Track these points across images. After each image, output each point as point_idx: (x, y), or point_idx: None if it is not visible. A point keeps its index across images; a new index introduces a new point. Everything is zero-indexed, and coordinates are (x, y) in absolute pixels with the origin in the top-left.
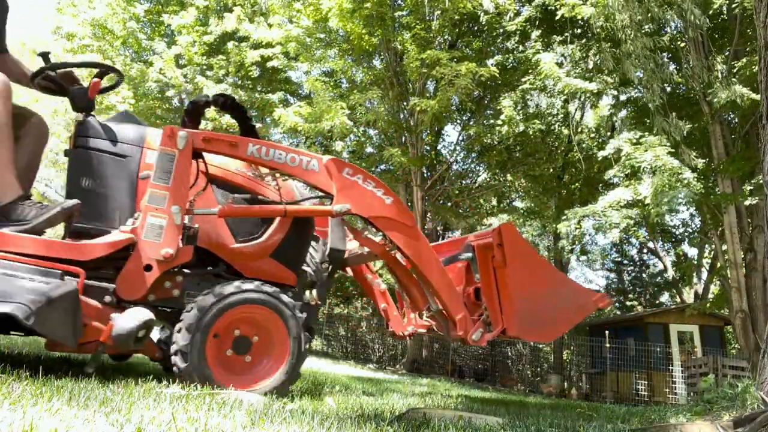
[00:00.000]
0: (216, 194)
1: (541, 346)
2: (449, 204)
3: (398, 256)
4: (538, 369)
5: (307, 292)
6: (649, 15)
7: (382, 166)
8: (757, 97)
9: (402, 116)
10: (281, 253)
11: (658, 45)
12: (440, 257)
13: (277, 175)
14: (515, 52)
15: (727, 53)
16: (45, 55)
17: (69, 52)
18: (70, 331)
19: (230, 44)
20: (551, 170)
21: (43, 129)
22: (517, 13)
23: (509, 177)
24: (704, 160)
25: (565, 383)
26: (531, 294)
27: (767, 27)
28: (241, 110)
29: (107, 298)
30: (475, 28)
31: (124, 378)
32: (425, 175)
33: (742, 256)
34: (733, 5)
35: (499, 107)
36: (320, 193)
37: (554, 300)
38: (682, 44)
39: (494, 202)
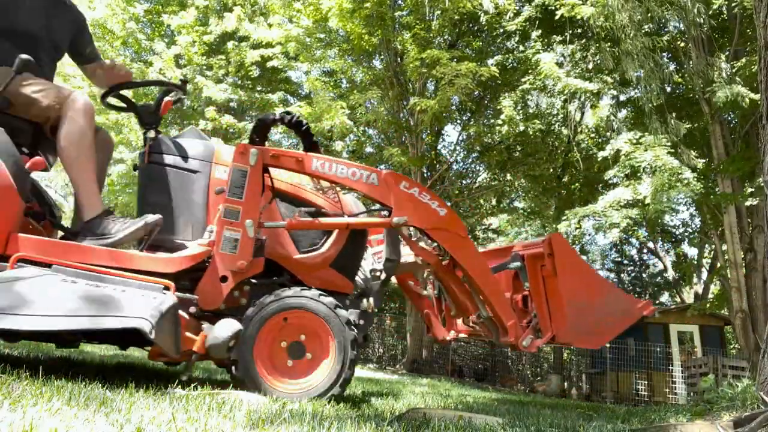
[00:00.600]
0: (280, 207)
1: (540, 345)
2: (449, 204)
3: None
4: (538, 369)
5: (364, 300)
6: (649, 15)
7: (382, 166)
8: (756, 96)
9: (402, 116)
10: (340, 262)
11: (658, 45)
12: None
13: (338, 188)
14: (515, 52)
15: (727, 53)
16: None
17: None
18: (175, 342)
19: (230, 44)
20: (551, 170)
21: (109, 143)
22: (517, 13)
23: (509, 177)
24: (704, 160)
25: (565, 383)
26: (580, 302)
27: (767, 27)
28: (306, 127)
29: (192, 309)
30: (475, 28)
31: (124, 378)
32: (425, 175)
33: (742, 256)
34: (733, 4)
35: (499, 107)
36: (377, 206)
37: (601, 308)
38: (682, 44)
39: (494, 202)
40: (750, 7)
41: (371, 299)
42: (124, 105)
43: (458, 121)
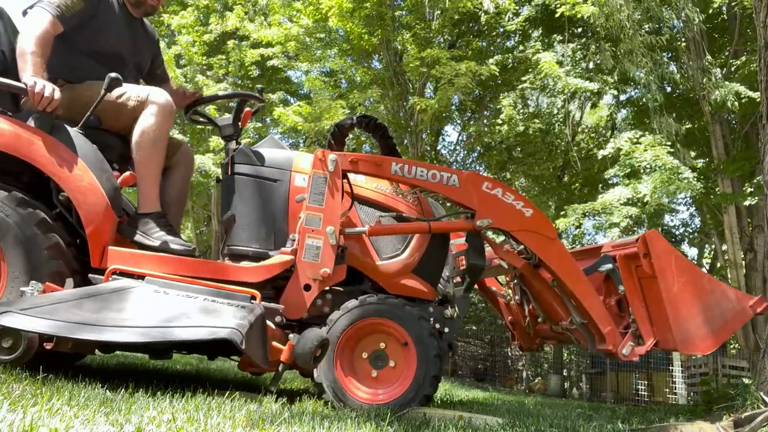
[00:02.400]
0: (360, 213)
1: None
2: (449, 204)
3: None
4: (538, 369)
5: (448, 307)
6: (649, 15)
7: None
8: (755, 95)
9: (401, 116)
10: (422, 269)
11: (658, 44)
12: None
13: (418, 192)
14: (515, 52)
15: (727, 53)
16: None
17: None
18: (263, 352)
19: (230, 43)
20: (551, 170)
21: (191, 157)
22: (516, 13)
23: (509, 177)
24: (704, 160)
25: (566, 383)
26: (683, 303)
27: (767, 27)
28: (383, 130)
29: (278, 319)
30: (475, 27)
31: (124, 378)
32: None
33: (742, 256)
34: (733, 3)
35: (499, 106)
36: (459, 209)
37: (709, 308)
38: (682, 44)
39: None
40: (750, 7)
41: (456, 306)
42: (204, 119)
43: (458, 122)
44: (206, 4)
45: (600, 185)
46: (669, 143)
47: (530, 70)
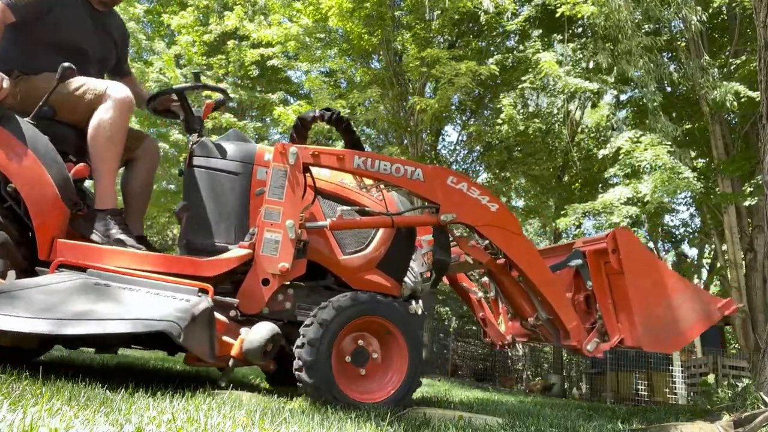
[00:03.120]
0: (323, 207)
1: (540, 346)
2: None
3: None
4: (538, 369)
5: (413, 303)
6: (648, 15)
7: None
8: (755, 94)
9: (401, 116)
10: (387, 264)
11: (656, 45)
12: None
13: (382, 186)
14: (515, 52)
15: (727, 53)
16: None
17: None
18: (209, 347)
19: (230, 43)
20: (551, 170)
21: (155, 150)
22: (515, 14)
23: (509, 176)
24: (704, 160)
25: (566, 383)
26: (650, 301)
27: (767, 27)
28: (346, 123)
29: (233, 313)
30: (475, 27)
31: (124, 378)
32: None
33: (742, 256)
34: (734, 4)
35: (499, 105)
36: (425, 203)
37: (676, 307)
38: (682, 44)
39: None
40: (750, 7)
41: (420, 302)
42: (167, 112)
43: (458, 121)
44: (206, 4)
45: (600, 185)
46: (669, 143)
47: (530, 69)
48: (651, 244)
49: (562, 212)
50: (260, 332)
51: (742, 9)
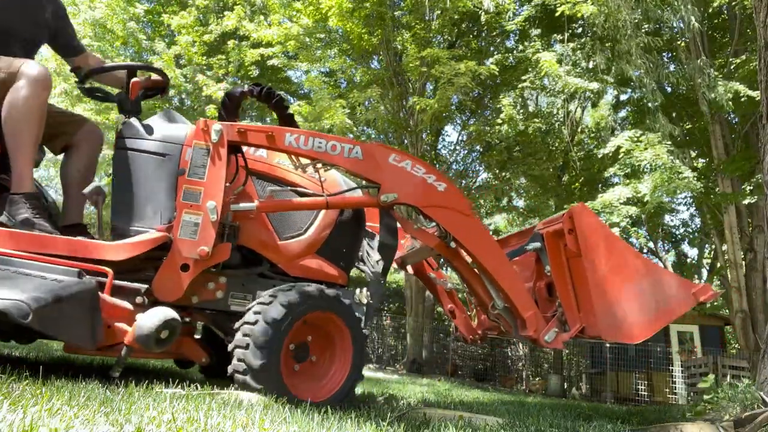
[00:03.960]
0: (258, 190)
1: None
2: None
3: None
4: (538, 369)
5: (357, 291)
6: (648, 15)
7: None
8: (755, 94)
9: (401, 116)
10: (329, 250)
11: (656, 45)
12: (507, 250)
13: (319, 165)
14: (515, 52)
15: (727, 53)
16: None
17: None
18: (87, 333)
19: (230, 43)
20: (551, 170)
21: (97, 135)
22: (515, 14)
23: (509, 176)
24: (704, 160)
25: (565, 383)
26: (613, 286)
27: (767, 27)
28: (277, 99)
29: (139, 300)
30: (475, 27)
31: (124, 378)
32: None
33: (742, 256)
34: (734, 3)
35: (498, 105)
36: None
37: (643, 293)
38: (682, 44)
39: (494, 200)
40: (750, 7)
41: (365, 290)
42: (100, 94)
43: (458, 121)
44: (206, 4)
45: (600, 185)
46: (669, 142)
47: (530, 69)
48: (651, 244)
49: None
50: (152, 318)
51: (743, 8)
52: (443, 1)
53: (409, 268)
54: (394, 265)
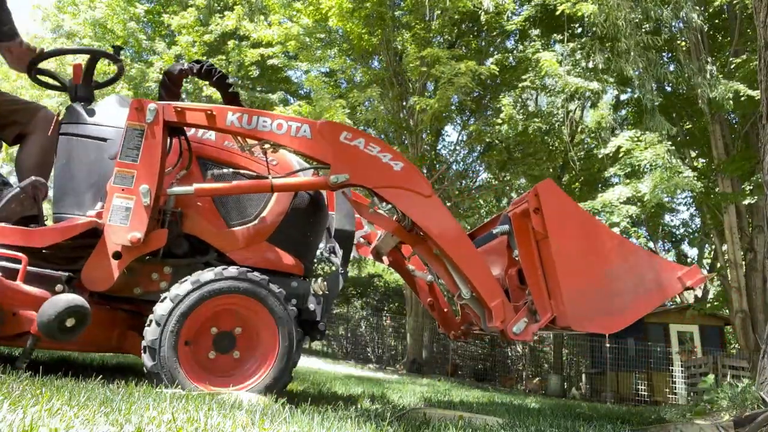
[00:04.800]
0: (205, 175)
1: (540, 346)
2: (449, 204)
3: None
4: (539, 369)
5: (313, 281)
6: (648, 15)
7: None
8: (755, 93)
9: (402, 116)
10: (282, 237)
11: (656, 44)
12: (481, 235)
13: (267, 146)
14: (515, 52)
15: (728, 52)
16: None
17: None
18: None
19: (230, 43)
20: (551, 170)
21: (51, 123)
22: (514, 13)
23: (509, 177)
24: (704, 160)
25: (565, 383)
26: (587, 271)
27: (767, 27)
28: (221, 77)
29: (59, 288)
30: (475, 27)
31: (124, 378)
32: (425, 175)
33: (742, 256)
34: (734, 2)
35: (498, 105)
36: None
37: (621, 278)
38: (682, 43)
39: (494, 201)
40: (750, 7)
41: (320, 281)
42: (51, 80)
43: (458, 121)
44: (206, 4)
45: (600, 185)
46: (670, 143)
47: (530, 69)
48: (651, 244)
49: None
50: (54, 305)
51: (743, 8)
52: (443, 1)
53: (386, 260)
54: (395, 266)
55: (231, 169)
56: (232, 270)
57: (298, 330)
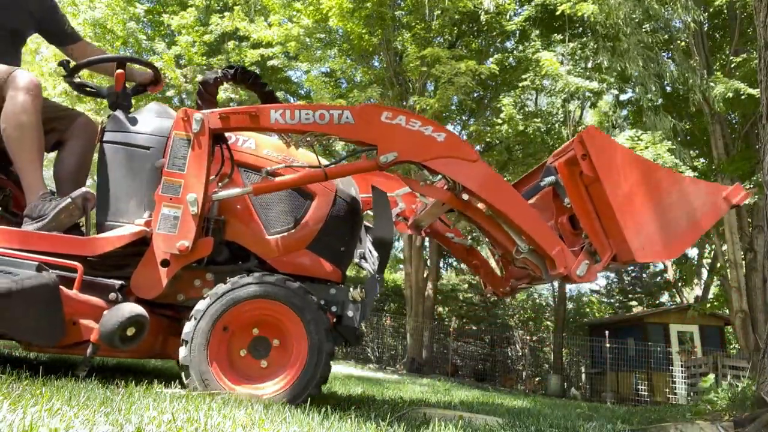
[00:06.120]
0: (246, 182)
1: (540, 346)
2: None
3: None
4: (539, 369)
5: (351, 289)
6: (649, 14)
7: None
8: (755, 92)
9: None
10: (320, 245)
11: (657, 43)
12: (522, 191)
13: (309, 139)
14: (515, 52)
15: (728, 52)
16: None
17: None
18: (45, 329)
19: (230, 44)
20: None
21: (91, 129)
22: (515, 13)
23: (509, 177)
24: (704, 160)
25: (565, 383)
26: (640, 205)
27: (767, 27)
28: (254, 77)
29: (112, 296)
30: (475, 27)
31: (124, 378)
32: None
33: (742, 256)
34: (734, 2)
35: (499, 105)
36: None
37: (671, 206)
38: (682, 43)
39: None
40: (750, 6)
41: (359, 287)
42: (90, 88)
43: (458, 121)
44: (206, 4)
45: None
46: (669, 142)
47: (530, 69)
48: None
49: None
50: (116, 315)
51: (743, 8)
52: (443, 1)
53: (423, 232)
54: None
55: (275, 179)
56: (269, 277)
57: (329, 343)
